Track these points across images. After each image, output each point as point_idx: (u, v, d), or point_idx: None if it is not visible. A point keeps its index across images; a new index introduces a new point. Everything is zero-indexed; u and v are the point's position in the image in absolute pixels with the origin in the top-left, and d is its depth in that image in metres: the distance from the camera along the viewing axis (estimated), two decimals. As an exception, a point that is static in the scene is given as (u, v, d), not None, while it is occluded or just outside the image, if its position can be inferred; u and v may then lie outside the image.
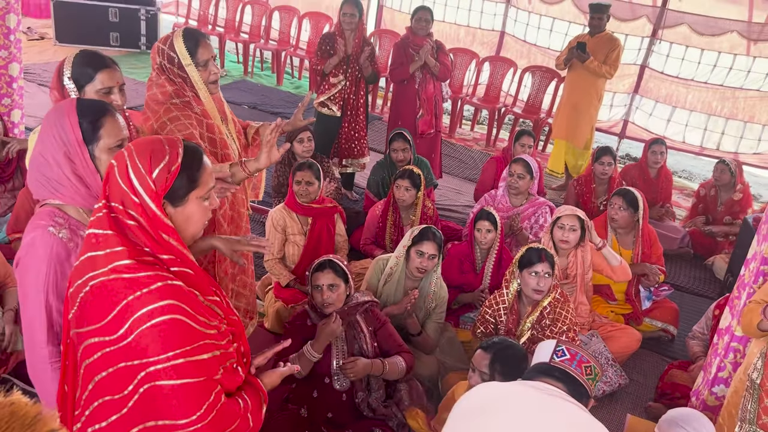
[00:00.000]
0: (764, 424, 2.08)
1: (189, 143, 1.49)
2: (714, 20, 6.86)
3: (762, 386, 2.08)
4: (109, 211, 1.40)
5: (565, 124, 5.97)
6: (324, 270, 2.83)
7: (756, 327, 2.08)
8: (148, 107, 2.51)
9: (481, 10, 8.05)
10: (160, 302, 1.34)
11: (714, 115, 7.32)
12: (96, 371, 1.37)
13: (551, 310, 3.08)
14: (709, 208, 5.38)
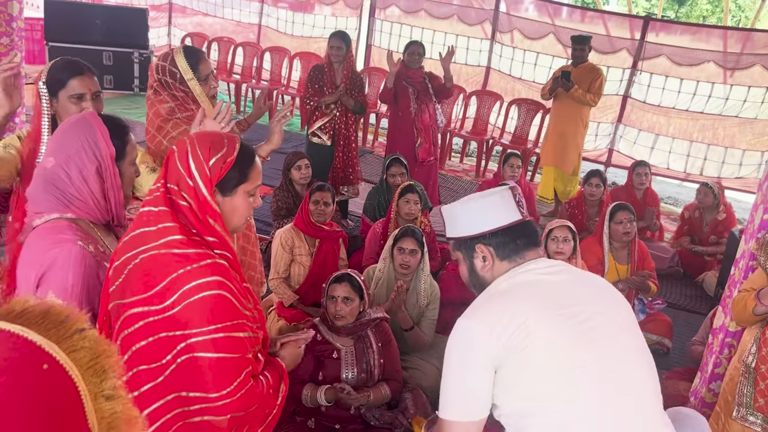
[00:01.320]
0: (761, 406, 2.15)
1: (245, 143, 1.61)
2: (691, 51, 7.17)
3: (757, 369, 2.16)
4: (165, 191, 1.50)
5: (553, 151, 6.14)
6: (342, 282, 2.88)
7: (751, 312, 2.17)
8: (152, 125, 2.58)
9: (467, 47, 8.33)
10: (209, 278, 1.43)
11: (696, 141, 7.56)
12: (135, 341, 1.43)
13: None
14: (695, 230, 5.53)
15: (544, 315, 1.43)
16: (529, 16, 8.20)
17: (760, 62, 6.90)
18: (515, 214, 1.59)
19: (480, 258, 1.59)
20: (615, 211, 4.02)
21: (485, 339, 1.41)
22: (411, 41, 5.71)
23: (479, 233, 1.57)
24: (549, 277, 1.54)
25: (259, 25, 9.90)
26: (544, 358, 1.41)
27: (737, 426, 2.24)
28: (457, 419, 1.43)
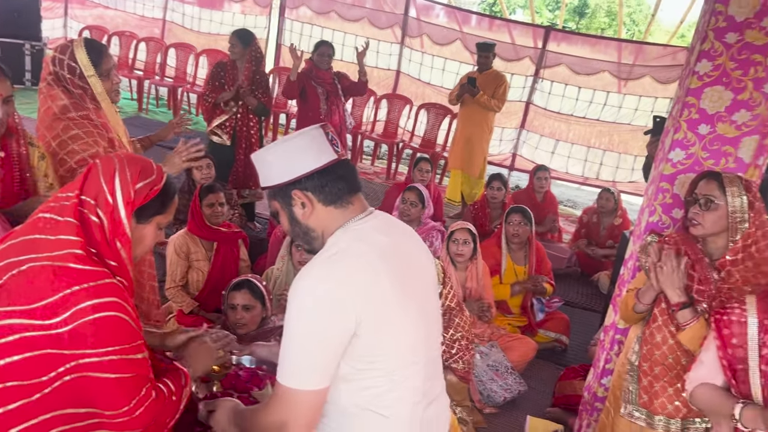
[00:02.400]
0: (644, 402, 2.26)
1: (170, 177, 1.60)
2: (588, 61, 7.54)
3: (640, 367, 2.27)
4: (78, 203, 1.43)
5: (460, 155, 6.28)
6: (241, 289, 2.80)
7: (632, 310, 2.28)
8: (42, 123, 2.42)
9: (377, 51, 8.37)
10: (106, 298, 1.37)
11: (592, 147, 7.96)
12: (6, 353, 1.33)
13: (445, 316, 3.17)
14: (592, 233, 5.80)
15: (390, 280, 1.43)
16: (438, 23, 8.35)
17: (650, 73, 7.36)
18: (330, 154, 1.49)
19: (299, 205, 1.49)
20: (509, 213, 4.16)
21: (340, 303, 1.37)
22: (320, 41, 5.67)
23: (293, 178, 1.47)
24: (383, 237, 1.50)
25: (163, 20, 9.53)
26: (389, 324, 1.42)
27: (624, 421, 2.35)
28: (300, 387, 1.38)
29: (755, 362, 1.78)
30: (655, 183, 2.58)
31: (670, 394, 2.19)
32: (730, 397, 1.81)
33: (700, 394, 1.91)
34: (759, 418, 1.69)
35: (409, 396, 1.49)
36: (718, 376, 1.88)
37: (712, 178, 2.11)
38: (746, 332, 1.81)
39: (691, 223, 2.13)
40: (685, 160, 2.45)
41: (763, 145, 2.38)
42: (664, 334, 2.19)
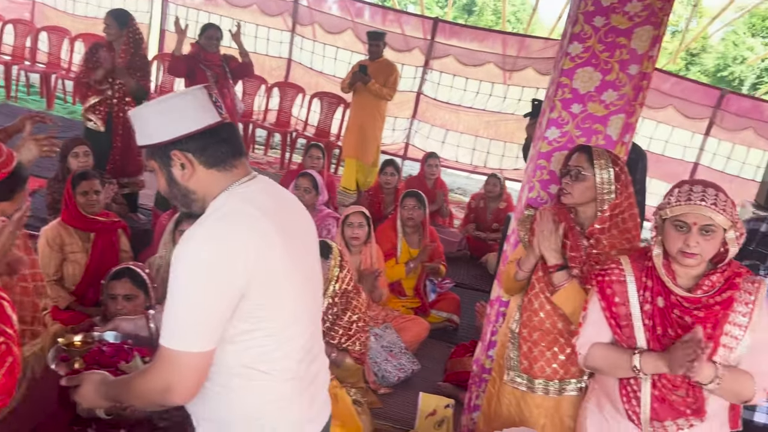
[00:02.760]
0: (525, 368, 2.37)
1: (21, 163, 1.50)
2: (474, 52, 7.79)
3: (520, 334, 2.39)
4: None
5: (354, 143, 6.30)
6: (121, 278, 2.64)
7: (514, 279, 2.39)
8: None
9: (267, 38, 8.22)
10: None
11: (480, 137, 8.26)
12: None
13: (342, 299, 3.18)
14: (480, 217, 6.03)
15: (278, 241, 1.43)
16: (331, 12, 8.32)
17: (532, 65, 7.72)
18: (213, 115, 1.46)
19: (178, 166, 1.45)
20: (404, 197, 4.24)
21: (227, 264, 1.35)
22: (208, 24, 5.51)
23: (173, 138, 1.42)
24: (268, 199, 1.50)
25: (33, 2, 8.84)
26: (277, 285, 1.43)
27: (508, 388, 2.46)
28: (186, 349, 1.35)
29: (638, 318, 1.91)
30: (534, 161, 2.71)
31: (548, 357, 2.32)
32: (624, 351, 1.92)
33: (595, 355, 1.99)
34: (658, 361, 1.80)
35: (294, 354, 1.51)
36: (604, 334, 1.99)
37: (583, 152, 2.25)
38: (627, 290, 1.93)
39: (562, 192, 2.26)
40: (560, 138, 2.59)
41: (628, 123, 2.55)
42: (541, 301, 2.30)
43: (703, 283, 1.82)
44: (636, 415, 1.91)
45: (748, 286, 1.82)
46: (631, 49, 2.44)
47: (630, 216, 2.23)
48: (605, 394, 2.05)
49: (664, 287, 1.87)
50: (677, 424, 1.86)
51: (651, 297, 1.89)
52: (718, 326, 1.80)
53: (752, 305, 1.80)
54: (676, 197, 1.81)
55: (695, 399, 1.84)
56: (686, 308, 1.83)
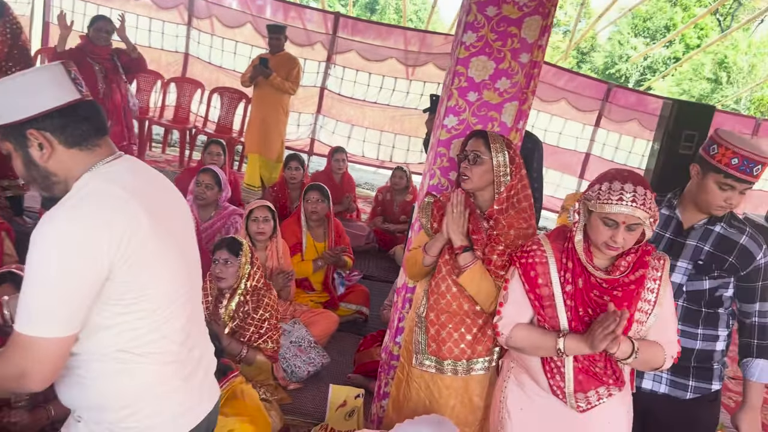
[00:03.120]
0: (433, 350, 2.41)
1: None
2: (377, 48, 7.85)
3: (427, 317, 2.42)
4: None
5: (257, 138, 6.17)
6: (3, 283, 2.43)
7: (422, 264, 2.42)
8: None
9: (162, 32, 7.89)
10: None
11: (385, 131, 8.33)
12: None
13: (253, 296, 3.13)
14: (387, 210, 6.08)
15: (147, 220, 1.39)
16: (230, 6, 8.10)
17: (433, 61, 7.87)
18: (72, 92, 1.40)
19: (36, 146, 1.39)
20: (307, 191, 4.20)
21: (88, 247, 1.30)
22: (98, 15, 5.20)
23: (28, 116, 1.35)
24: (135, 179, 1.46)
25: None
26: (148, 265, 1.40)
27: (417, 372, 2.49)
28: (41, 335, 1.30)
29: (560, 299, 1.97)
30: (434, 149, 2.75)
31: (456, 338, 2.36)
32: (548, 333, 1.98)
33: (518, 336, 2.04)
34: (581, 343, 1.87)
35: (174, 336, 1.48)
36: (525, 313, 2.05)
37: (479, 136, 2.31)
38: (549, 272, 2.00)
39: (461, 178, 2.30)
40: (458, 126, 2.65)
41: (521, 110, 2.64)
42: (447, 283, 2.35)
43: (619, 264, 1.92)
44: (561, 389, 1.99)
45: (655, 263, 1.95)
46: (522, 38, 2.53)
47: (524, 197, 2.32)
48: (525, 371, 2.11)
49: (584, 270, 1.94)
50: (598, 393, 1.97)
51: (572, 278, 1.96)
52: (632, 304, 1.91)
53: (659, 281, 1.93)
54: (606, 194, 1.84)
55: (614, 370, 1.96)
56: (605, 289, 1.92)
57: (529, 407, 2.11)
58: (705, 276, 2.22)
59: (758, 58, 20.00)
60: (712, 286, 2.23)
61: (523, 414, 2.13)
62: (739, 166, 2.07)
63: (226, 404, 2.45)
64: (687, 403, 2.32)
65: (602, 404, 1.98)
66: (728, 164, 2.08)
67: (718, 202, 2.15)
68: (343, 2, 25.40)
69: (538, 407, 2.09)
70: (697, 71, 20.90)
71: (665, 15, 22.78)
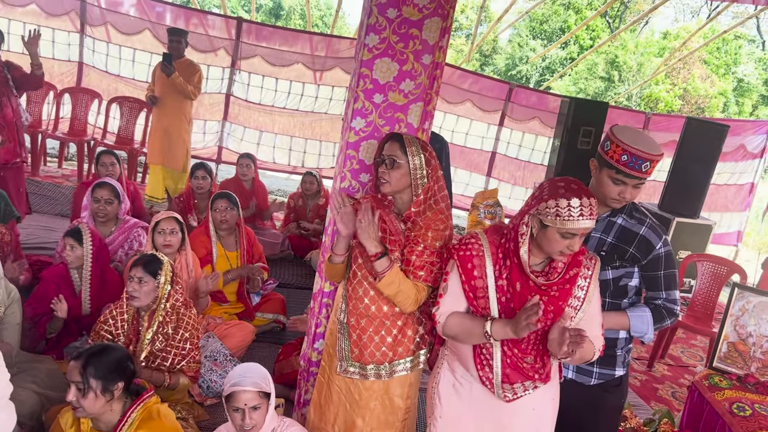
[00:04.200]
0: (356, 356, 2.41)
1: None
2: (282, 53, 7.76)
3: (348, 323, 2.42)
4: None
5: (160, 148, 5.96)
6: None
7: (329, 261, 2.44)
8: None
9: (52, 40, 7.46)
10: None
11: (296, 137, 8.25)
12: None
13: (173, 316, 2.98)
14: (300, 215, 6.03)
15: None
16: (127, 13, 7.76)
17: (339, 65, 7.87)
18: None
19: None
20: (214, 199, 4.09)
21: None
22: None
23: None
24: None
25: None
26: None
27: (339, 377, 2.47)
28: None
29: (493, 290, 2.03)
30: (343, 151, 2.74)
31: (377, 342, 2.37)
32: (477, 318, 2.04)
33: (452, 323, 2.10)
34: (507, 327, 1.92)
35: None
36: (461, 304, 2.10)
37: (395, 140, 2.33)
38: (485, 264, 2.05)
39: (380, 182, 2.32)
40: (366, 128, 2.65)
41: (427, 111, 2.68)
42: (365, 287, 2.35)
43: (557, 266, 1.99)
44: (489, 380, 2.06)
45: (588, 262, 2.04)
46: (423, 39, 2.57)
47: (441, 197, 2.37)
48: (458, 359, 2.18)
49: (523, 274, 1.99)
50: (524, 385, 2.04)
51: (508, 275, 2.01)
52: (565, 300, 1.99)
53: (589, 279, 2.02)
54: (567, 212, 1.88)
55: (543, 364, 2.03)
56: (543, 290, 1.98)
57: (459, 393, 2.18)
58: (608, 266, 2.33)
59: (645, 57, 21.33)
60: (615, 276, 2.35)
61: (452, 398, 2.20)
62: (628, 162, 2.18)
63: (141, 426, 2.33)
64: (593, 389, 2.43)
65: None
66: (618, 161, 2.20)
67: (612, 195, 2.26)
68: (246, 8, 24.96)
69: (467, 393, 2.16)
70: (592, 70, 22.05)
71: (560, 18, 23.89)
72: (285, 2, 26.56)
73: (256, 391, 2.39)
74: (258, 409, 2.39)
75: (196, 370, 3.12)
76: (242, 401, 2.37)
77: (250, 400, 2.37)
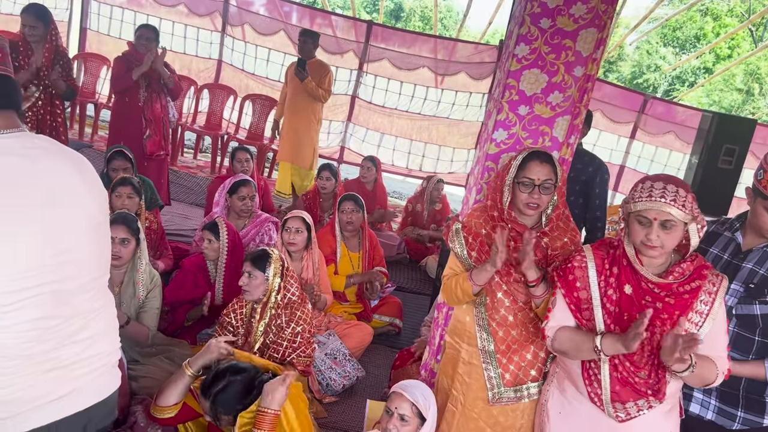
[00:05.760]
0: (508, 380, 2.35)
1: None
2: (408, 56, 7.81)
3: (497, 351, 2.35)
4: None
5: (289, 146, 6.16)
6: None
7: (471, 294, 2.31)
8: None
9: (197, 38, 7.95)
10: None
11: (415, 140, 8.28)
12: None
13: (286, 309, 3.06)
14: (417, 219, 6.04)
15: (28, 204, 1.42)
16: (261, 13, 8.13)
17: (465, 70, 7.81)
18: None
19: None
20: (342, 201, 4.16)
21: None
22: (142, 24, 5.22)
23: None
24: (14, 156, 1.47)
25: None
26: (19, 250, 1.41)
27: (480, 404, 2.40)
28: None
29: (598, 301, 1.97)
30: (481, 163, 2.69)
31: (530, 359, 2.35)
32: (587, 333, 1.97)
33: (561, 338, 2.05)
34: (617, 342, 1.83)
35: (24, 328, 1.43)
36: (570, 318, 2.05)
37: (546, 162, 2.21)
38: (588, 275, 1.99)
39: (529, 206, 2.23)
40: (508, 140, 2.59)
41: (573, 125, 2.58)
42: (514, 313, 2.31)
43: (674, 270, 1.90)
44: (598, 396, 1.97)
45: (713, 278, 1.92)
46: (576, 51, 2.47)
47: (566, 208, 2.34)
48: (567, 376, 2.11)
49: (635, 275, 1.92)
50: (638, 405, 1.93)
51: (617, 283, 1.95)
52: (684, 313, 1.88)
53: (714, 296, 1.90)
54: (639, 193, 1.87)
55: (657, 380, 1.90)
56: (657, 294, 1.89)
57: (568, 411, 2.11)
58: (755, 300, 2.14)
59: (793, 69, 19.65)
60: (763, 312, 2.14)
61: (560, 417, 2.13)
62: None
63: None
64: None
65: (645, 417, 1.94)
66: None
67: (767, 227, 2.11)
68: (368, 9, 25.49)
69: (577, 412, 2.08)
70: (728, 82, 20.59)
71: (695, 24, 22.46)
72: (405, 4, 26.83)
73: (412, 403, 2.36)
74: (406, 424, 2.36)
75: (307, 364, 3.18)
76: (395, 404, 2.38)
77: (403, 408, 2.36)
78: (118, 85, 4.92)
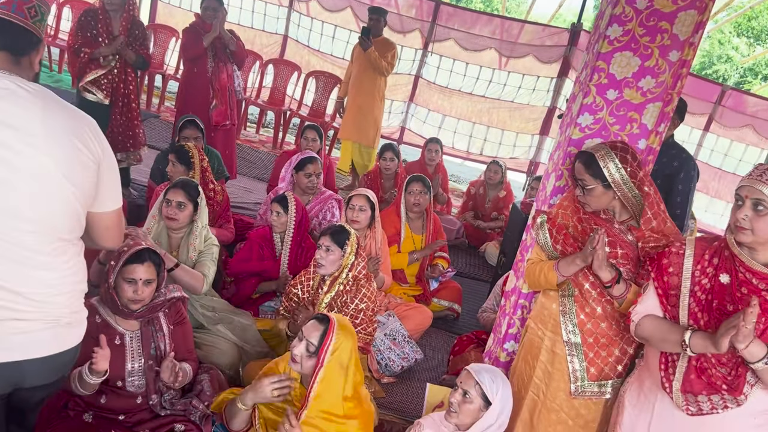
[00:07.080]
0: (593, 374, 2.29)
1: None
2: (475, 37, 7.63)
3: (584, 344, 2.28)
4: None
5: (352, 124, 6.13)
6: (144, 262, 2.41)
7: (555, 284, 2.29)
8: None
9: (264, 13, 7.98)
10: None
11: (477, 123, 8.12)
12: None
13: (353, 286, 3.07)
14: (478, 205, 5.93)
15: None
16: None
17: (533, 53, 7.59)
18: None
19: None
20: (409, 182, 4.11)
21: None
22: None
23: None
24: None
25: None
26: None
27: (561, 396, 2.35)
28: None
29: (687, 289, 1.88)
30: (562, 147, 2.59)
31: (618, 355, 2.28)
32: (676, 325, 1.88)
33: (647, 325, 1.96)
34: (707, 341, 1.73)
35: None
36: (659, 309, 1.96)
37: (580, 162, 2.21)
38: (682, 262, 1.91)
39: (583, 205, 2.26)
40: (593, 125, 2.48)
41: (664, 112, 2.45)
42: (603, 305, 2.24)
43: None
44: (669, 383, 1.88)
45: None
46: (673, 34, 2.33)
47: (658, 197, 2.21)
48: (648, 368, 2.05)
49: (733, 264, 1.81)
50: (712, 401, 1.82)
51: (714, 273, 1.85)
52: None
53: None
54: (746, 174, 1.80)
55: (735, 376, 1.78)
56: (755, 286, 1.76)
57: (643, 405, 2.04)
58: None
59: None
60: None
61: (634, 411, 2.07)
62: None
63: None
64: None
65: (722, 419, 1.82)
66: None
67: None
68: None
69: (650, 407, 2.01)
70: (807, 76, 19.45)
71: (774, 14, 21.27)
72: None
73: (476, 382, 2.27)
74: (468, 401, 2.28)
75: (367, 342, 3.17)
76: (461, 379, 2.31)
77: (467, 385, 2.28)
78: (189, 53, 5.00)
